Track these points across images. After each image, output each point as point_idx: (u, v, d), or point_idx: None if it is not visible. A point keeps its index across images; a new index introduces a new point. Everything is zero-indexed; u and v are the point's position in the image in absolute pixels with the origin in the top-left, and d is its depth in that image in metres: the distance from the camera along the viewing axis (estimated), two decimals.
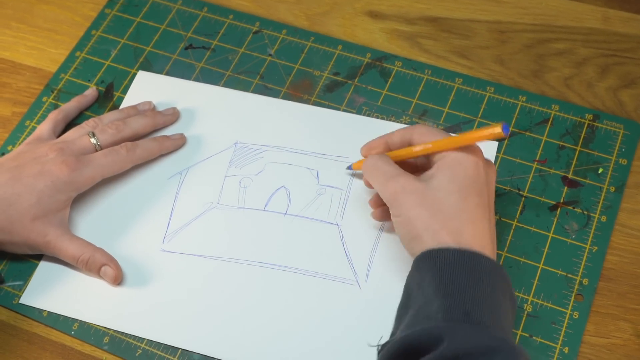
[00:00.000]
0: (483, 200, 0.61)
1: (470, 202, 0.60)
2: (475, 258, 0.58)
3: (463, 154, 0.62)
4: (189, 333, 0.68)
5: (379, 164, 0.66)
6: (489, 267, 0.58)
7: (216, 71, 0.83)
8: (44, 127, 0.77)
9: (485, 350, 0.53)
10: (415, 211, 0.61)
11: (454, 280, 0.56)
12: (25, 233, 0.70)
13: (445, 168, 0.62)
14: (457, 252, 0.58)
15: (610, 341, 0.66)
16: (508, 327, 0.58)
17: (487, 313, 0.56)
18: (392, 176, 0.64)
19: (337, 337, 0.66)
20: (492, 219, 0.62)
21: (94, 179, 0.73)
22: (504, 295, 0.58)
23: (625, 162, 0.73)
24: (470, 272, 0.57)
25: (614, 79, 0.78)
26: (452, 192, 0.60)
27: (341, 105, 0.79)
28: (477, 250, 0.58)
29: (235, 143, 0.78)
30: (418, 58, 0.82)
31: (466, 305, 0.55)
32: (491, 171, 0.64)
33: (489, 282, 0.57)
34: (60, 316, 0.70)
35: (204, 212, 0.74)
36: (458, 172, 0.61)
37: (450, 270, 0.57)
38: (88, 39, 0.86)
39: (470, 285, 0.56)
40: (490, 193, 0.62)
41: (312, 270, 0.70)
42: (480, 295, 0.56)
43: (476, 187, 0.61)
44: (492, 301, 0.56)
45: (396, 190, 0.62)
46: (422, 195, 0.61)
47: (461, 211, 0.60)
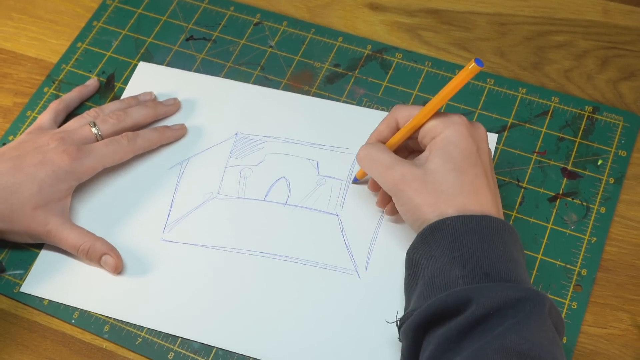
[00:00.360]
0: (479, 170, 0.62)
1: (469, 175, 0.61)
2: (482, 220, 0.59)
3: (450, 130, 0.63)
4: (189, 322, 0.68)
5: (373, 153, 0.66)
6: (497, 226, 0.59)
7: (217, 62, 0.83)
8: (45, 116, 0.77)
9: (513, 302, 0.54)
10: (420, 198, 0.62)
11: (467, 247, 0.58)
12: (26, 222, 0.70)
13: (437, 149, 0.63)
14: (463, 218, 0.59)
15: (609, 331, 0.66)
16: (525, 276, 0.59)
17: (504, 270, 0.57)
18: (388, 165, 0.64)
19: (336, 326, 0.67)
20: (493, 183, 0.63)
21: (95, 168, 0.73)
22: (516, 248, 0.60)
23: (625, 154, 0.74)
24: (480, 235, 0.58)
25: (613, 71, 0.79)
26: (449, 171, 0.61)
27: (341, 96, 0.79)
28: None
29: (235, 134, 0.78)
30: (418, 50, 0.82)
31: (483, 267, 0.57)
32: (480, 134, 0.64)
33: (500, 241, 0.58)
34: (61, 305, 0.70)
35: (204, 202, 0.74)
36: (450, 150, 0.62)
37: (461, 238, 0.58)
38: (89, 30, 0.87)
39: (483, 248, 0.58)
40: (484, 158, 0.63)
41: (312, 260, 0.70)
42: (494, 255, 0.58)
43: (470, 160, 0.62)
44: (506, 258, 0.58)
45: (396, 180, 0.63)
46: (423, 181, 0.62)
47: (462, 187, 0.61)
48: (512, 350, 0.52)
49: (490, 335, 0.53)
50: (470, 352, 0.53)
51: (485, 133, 0.65)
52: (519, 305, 0.54)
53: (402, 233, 0.70)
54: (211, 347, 0.67)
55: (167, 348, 0.67)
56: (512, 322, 0.53)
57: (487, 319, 0.54)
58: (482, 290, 0.55)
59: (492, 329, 0.54)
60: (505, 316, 0.54)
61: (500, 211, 0.63)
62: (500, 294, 0.54)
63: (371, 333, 0.66)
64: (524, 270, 0.59)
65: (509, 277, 0.57)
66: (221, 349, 0.67)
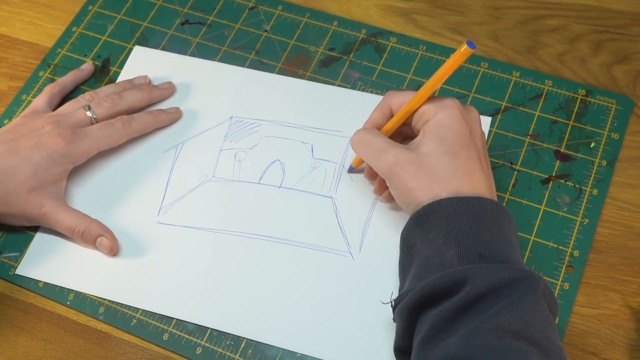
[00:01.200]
0: (472, 152, 0.62)
1: (462, 158, 0.62)
2: (476, 202, 0.59)
3: (443, 113, 0.63)
4: (184, 303, 0.69)
5: (367, 138, 0.66)
6: (490, 207, 0.60)
7: (212, 46, 0.83)
8: (39, 100, 0.77)
9: (507, 282, 0.55)
10: (413, 181, 0.62)
11: (461, 228, 0.58)
12: (22, 205, 0.70)
13: (430, 132, 0.63)
14: (457, 200, 0.59)
15: (600, 312, 0.66)
16: (519, 257, 0.60)
17: (498, 251, 0.57)
18: (382, 149, 0.64)
19: (330, 308, 0.67)
20: (486, 165, 0.64)
21: (90, 151, 0.73)
22: (509, 229, 0.60)
23: (617, 137, 0.74)
24: (474, 216, 0.59)
25: (607, 55, 0.79)
26: (442, 154, 0.61)
27: (336, 80, 0.80)
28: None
29: (230, 117, 0.78)
30: (413, 34, 0.82)
31: (478, 248, 0.57)
32: (473, 117, 0.64)
33: (494, 222, 0.59)
34: (56, 287, 0.70)
35: (199, 185, 0.74)
36: (443, 133, 0.62)
37: (455, 219, 0.59)
38: (85, 14, 0.87)
39: (477, 229, 0.58)
40: (477, 141, 0.64)
41: (306, 242, 0.70)
42: (488, 236, 0.58)
43: (463, 143, 0.62)
44: (500, 239, 0.58)
45: (390, 164, 0.63)
46: (416, 164, 0.62)
47: (455, 170, 0.61)
48: (507, 329, 0.53)
49: (485, 315, 0.54)
50: (465, 332, 0.54)
51: (478, 116, 0.65)
52: (513, 286, 0.55)
53: (396, 215, 0.71)
54: (206, 328, 0.68)
55: (162, 329, 0.68)
56: (507, 302, 0.54)
57: (482, 299, 0.55)
58: (477, 271, 0.55)
59: (486, 309, 0.54)
60: (499, 296, 0.54)
61: (493, 193, 0.63)
62: (494, 274, 0.55)
63: (365, 314, 0.66)
64: (517, 251, 0.60)
65: (503, 258, 0.57)
66: (215, 330, 0.67)
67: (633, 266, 0.68)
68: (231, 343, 0.67)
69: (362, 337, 0.65)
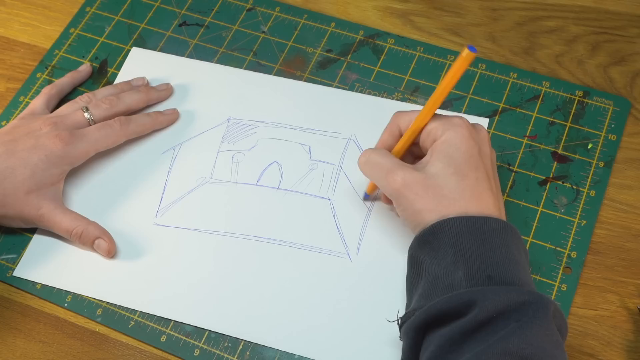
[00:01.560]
0: (481, 173, 0.61)
1: (470, 179, 0.61)
2: (483, 222, 0.59)
3: (451, 132, 0.62)
4: (181, 305, 0.68)
5: (374, 158, 0.65)
6: (498, 227, 0.59)
7: (210, 48, 0.83)
8: (37, 101, 0.77)
9: (517, 305, 0.54)
10: (421, 203, 0.61)
11: (470, 248, 0.57)
12: (19, 206, 0.70)
13: (438, 152, 0.62)
14: (465, 219, 0.59)
15: (598, 313, 0.66)
16: (528, 278, 0.59)
17: (507, 272, 0.57)
18: (390, 170, 0.63)
19: (328, 309, 0.67)
20: (495, 185, 0.63)
21: (87, 153, 0.73)
22: (518, 249, 0.59)
23: (615, 138, 0.74)
24: (482, 236, 0.58)
25: (604, 56, 0.79)
26: (450, 175, 0.61)
27: (334, 81, 0.80)
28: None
29: (228, 119, 0.78)
30: (410, 35, 0.82)
31: (486, 270, 0.57)
32: (482, 137, 0.64)
33: (502, 242, 0.58)
34: (54, 289, 0.70)
35: (196, 186, 0.74)
36: (451, 153, 0.61)
37: (462, 239, 0.58)
38: (82, 15, 0.87)
39: (485, 250, 0.57)
40: (486, 161, 0.63)
41: (304, 244, 0.70)
42: (496, 257, 0.57)
43: (472, 163, 0.61)
44: (509, 259, 0.57)
45: (397, 184, 0.62)
46: (424, 185, 0.61)
47: (463, 191, 0.60)
48: (515, 354, 0.52)
49: (493, 338, 0.53)
50: (472, 354, 0.53)
51: (487, 135, 0.64)
52: (522, 309, 0.54)
53: (394, 216, 0.71)
54: (203, 330, 0.68)
55: (160, 331, 0.68)
56: (516, 326, 0.53)
57: (491, 322, 0.54)
58: (486, 293, 0.54)
59: (495, 332, 0.53)
60: (508, 319, 0.54)
61: (502, 213, 0.62)
62: (503, 297, 0.54)
63: (363, 315, 0.66)
64: (525, 271, 0.59)
65: (512, 280, 0.56)
66: (213, 332, 0.67)
67: (630, 267, 0.68)
68: (229, 345, 0.67)
69: (360, 338, 0.65)
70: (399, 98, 0.78)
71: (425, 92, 0.78)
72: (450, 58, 0.80)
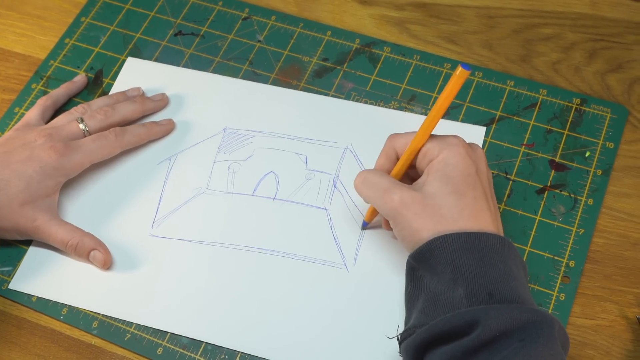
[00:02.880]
0: (478, 191, 0.61)
1: (468, 198, 0.60)
2: (482, 238, 0.58)
3: (447, 152, 0.61)
4: (178, 317, 0.68)
5: (370, 178, 0.64)
6: (496, 243, 0.58)
7: (205, 57, 0.83)
8: (32, 113, 0.77)
9: (521, 324, 0.53)
10: (419, 222, 0.60)
11: (469, 265, 0.57)
12: (14, 218, 0.70)
13: (435, 171, 0.61)
14: (462, 235, 0.58)
15: (596, 322, 0.66)
16: (528, 294, 0.58)
17: (507, 289, 0.56)
18: (387, 189, 0.62)
19: (325, 320, 0.67)
20: (492, 204, 0.62)
21: (82, 164, 0.73)
22: (516, 265, 0.59)
23: (612, 146, 0.74)
24: (480, 253, 0.57)
25: (601, 63, 0.79)
26: (448, 194, 0.60)
27: (330, 90, 0.79)
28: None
29: (224, 129, 0.78)
30: (407, 43, 0.82)
31: (487, 287, 0.56)
32: (479, 155, 0.63)
33: (499, 258, 0.58)
34: (50, 301, 0.70)
35: (192, 197, 0.74)
36: (448, 172, 0.61)
37: (461, 255, 0.57)
38: (77, 25, 0.86)
39: (484, 266, 0.57)
40: (483, 179, 0.62)
41: (301, 254, 0.70)
42: (495, 274, 0.57)
43: (469, 181, 0.61)
44: (508, 276, 0.57)
45: (395, 203, 0.61)
46: (422, 205, 0.60)
47: (461, 210, 0.60)
48: None
49: (496, 357, 0.52)
50: None
51: (484, 154, 0.64)
52: (526, 328, 0.53)
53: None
54: (200, 342, 0.67)
55: (156, 343, 0.67)
56: (520, 346, 0.53)
57: (494, 341, 0.53)
58: (489, 312, 0.54)
59: (498, 351, 0.53)
60: (512, 338, 0.53)
61: (500, 230, 0.61)
62: (506, 315, 0.53)
63: (360, 326, 0.66)
64: (525, 287, 0.59)
65: (513, 297, 0.56)
66: (210, 344, 0.67)
67: (629, 276, 0.68)
68: (225, 357, 0.66)
69: (357, 350, 0.65)
70: (395, 107, 0.78)
71: (421, 101, 0.78)
72: (447, 66, 0.79)
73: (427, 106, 0.77)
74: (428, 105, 0.77)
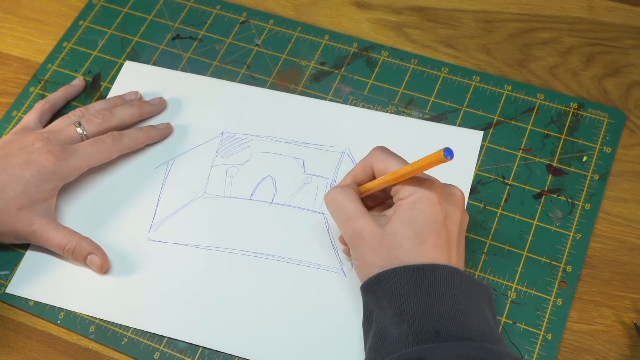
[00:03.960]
0: (441, 240, 0.59)
1: (428, 245, 0.59)
2: (431, 270, 0.57)
3: (419, 194, 0.60)
4: (175, 322, 0.68)
5: (339, 200, 0.63)
6: (445, 276, 0.57)
7: (203, 61, 0.83)
8: (30, 116, 0.77)
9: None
10: (373, 257, 0.60)
11: (416, 301, 0.56)
12: (12, 222, 0.70)
13: (402, 211, 0.60)
14: (408, 268, 0.57)
15: (594, 327, 0.66)
16: (481, 325, 0.57)
17: (454, 326, 0.55)
18: (350, 218, 0.62)
19: (322, 325, 0.67)
20: (456, 252, 0.61)
21: (80, 168, 0.73)
22: (469, 295, 0.58)
23: (610, 151, 0.74)
24: (427, 288, 0.57)
25: (599, 67, 0.79)
26: (407, 237, 0.59)
27: (327, 94, 0.79)
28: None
29: (221, 132, 0.78)
30: (404, 48, 0.82)
31: (434, 324, 0.55)
32: (454, 201, 0.61)
33: (448, 292, 0.57)
34: (47, 305, 0.70)
35: (190, 201, 0.74)
36: (414, 215, 0.59)
37: (406, 291, 0.57)
38: (75, 29, 0.86)
39: (432, 302, 0.56)
40: (452, 227, 0.61)
41: (298, 259, 0.70)
42: (442, 309, 0.56)
43: (433, 228, 0.59)
44: (456, 310, 0.56)
45: (355, 233, 0.61)
46: (380, 242, 0.60)
47: (417, 256, 0.59)
48: None
49: None
50: None
51: (462, 199, 0.62)
52: None
53: None
54: (197, 346, 0.67)
55: (153, 348, 0.67)
56: None
57: None
58: (434, 351, 0.53)
59: None
60: None
61: (456, 265, 0.60)
62: (452, 354, 0.53)
63: (357, 331, 0.66)
64: (479, 318, 0.57)
65: (460, 333, 0.55)
66: (207, 349, 0.67)
67: (626, 281, 0.68)
68: None
69: (353, 354, 0.65)
70: (392, 111, 0.78)
71: (419, 105, 0.78)
72: (444, 70, 0.80)
73: (424, 110, 0.77)
74: (426, 109, 0.77)
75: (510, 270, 0.68)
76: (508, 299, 0.67)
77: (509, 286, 0.68)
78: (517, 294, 0.67)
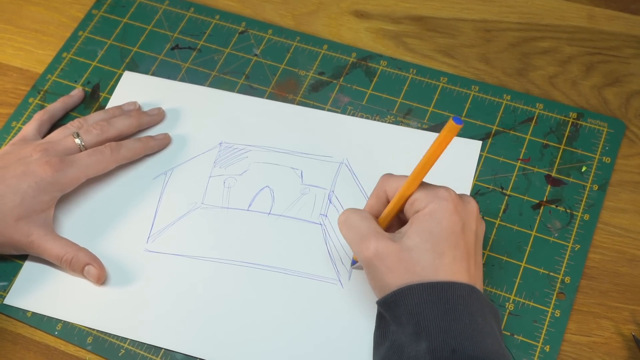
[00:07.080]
0: (460, 251, 0.58)
1: (446, 258, 0.58)
2: (447, 289, 0.57)
3: (434, 205, 0.59)
4: (172, 333, 0.68)
5: (352, 220, 0.62)
6: (463, 294, 0.57)
7: (202, 71, 0.83)
8: (29, 127, 0.77)
9: None
10: (391, 277, 0.59)
11: (433, 319, 0.56)
12: (9, 233, 0.70)
13: (419, 223, 0.59)
14: (427, 286, 0.57)
15: (592, 339, 0.66)
16: (496, 345, 0.57)
17: (471, 345, 0.55)
18: (364, 236, 0.60)
19: (320, 336, 0.66)
20: (474, 262, 0.60)
21: (78, 179, 0.73)
22: (483, 315, 0.57)
23: (609, 161, 0.73)
24: (445, 306, 0.56)
25: (598, 77, 0.78)
26: (426, 250, 0.58)
27: (326, 104, 0.79)
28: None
29: (220, 143, 0.78)
30: (403, 57, 0.82)
31: (451, 343, 0.55)
32: (469, 211, 0.61)
33: (466, 310, 0.56)
34: (44, 316, 0.70)
35: (188, 212, 0.74)
36: (431, 228, 0.58)
37: (425, 309, 0.56)
38: (75, 39, 0.87)
39: (449, 320, 0.56)
40: (469, 237, 0.60)
41: (296, 270, 0.70)
42: (460, 328, 0.55)
43: (451, 240, 0.58)
44: (473, 330, 0.56)
45: (370, 253, 0.60)
46: (397, 258, 0.59)
47: (436, 270, 0.58)
48: None
49: None
50: None
51: (476, 208, 0.61)
52: None
53: None
54: (194, 358, 0.67)
55: (150, 359, 0.67)
56: None
57: None
58: None
59: None
60: None
61: (476, 282, 0.59)
62: None
63: (354, 342, 0.66)
64: (493, 338, 0.57)
65: (475, 353, 0.55)
66: None
67: (625, 293, 0.67)
68: None
69: None
70: (391, 121, 0.77)
71: (417, 115, 0.77)
72: (443, 80, 0.79)
73: (423, 120, 0.77)
74: (424, 119, 0.77)
75: (508, 282, 0.68)
76: (506, 310, 0.67)
77: (506, 297, 0.67)
78: (514, 306, 0.67)
